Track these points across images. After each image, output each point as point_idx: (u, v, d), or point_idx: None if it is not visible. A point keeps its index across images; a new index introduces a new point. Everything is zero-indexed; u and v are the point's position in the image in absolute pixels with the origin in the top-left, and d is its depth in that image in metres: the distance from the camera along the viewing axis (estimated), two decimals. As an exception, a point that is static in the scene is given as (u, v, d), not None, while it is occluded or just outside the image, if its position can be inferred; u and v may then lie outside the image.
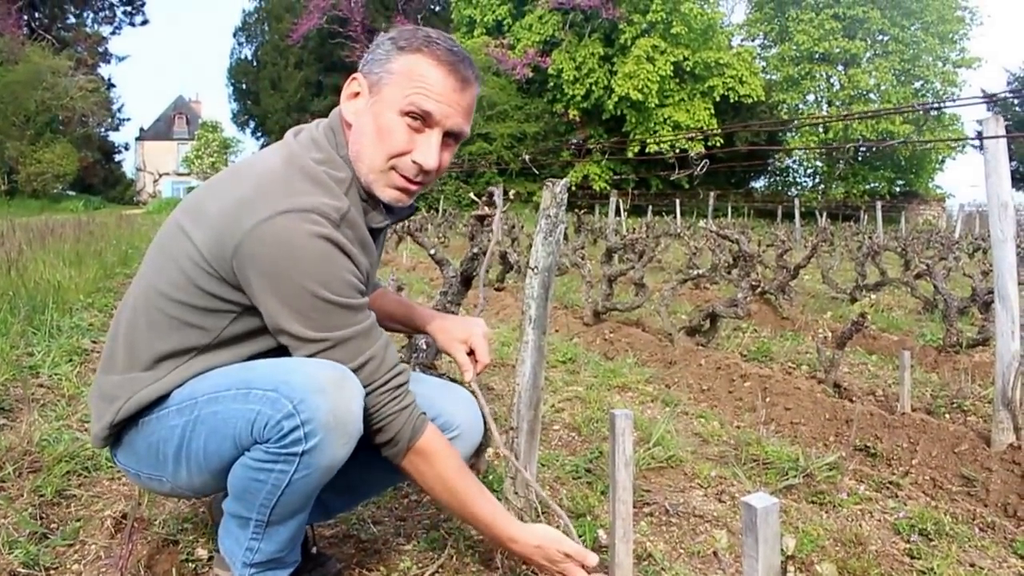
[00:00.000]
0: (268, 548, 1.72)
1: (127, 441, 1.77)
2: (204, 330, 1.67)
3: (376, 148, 1.68)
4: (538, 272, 2.26)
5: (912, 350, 4.68)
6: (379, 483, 2.10)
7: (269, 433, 1.54)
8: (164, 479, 1.74)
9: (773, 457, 3.18)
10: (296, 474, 1.57)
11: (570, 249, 8.04)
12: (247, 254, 1.54)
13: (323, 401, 1.53)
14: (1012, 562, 2.47)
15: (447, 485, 1.77)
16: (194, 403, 1.65)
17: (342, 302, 1.59)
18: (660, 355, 5.20)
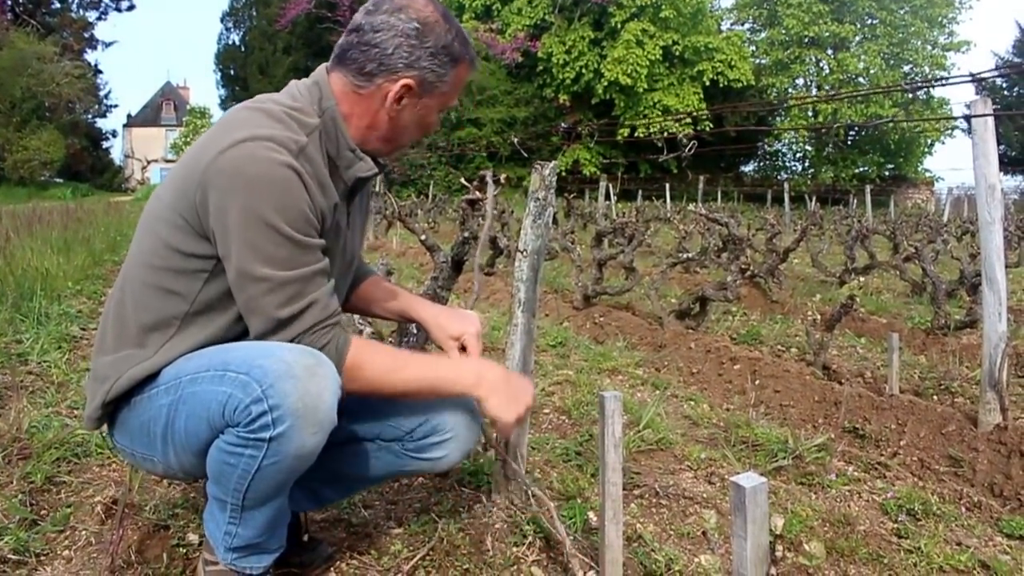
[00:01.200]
0: (246, 533, 1.72)
1: (121, 420, 1.76)
2: (181, 296, 1.67)
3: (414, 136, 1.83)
4: (527, 255, 2.26)
5: (900, 332, 4.70)
6: (372, 476, 2.08)
7: (239, 417, 1.53)
8: (155, 459, 1.74)
9: (762, 439, 3.20)
10: (265, 460, 1.56)
11: (560, 233, 8.04)
12: (207, 184, 1.56)
13: (293, 387, 1.51)
14: (997, 540, 2.49)
15: (390, 376, 1.72)
16: (178, 383, 1.65)
17: (296, 238, 1.58)
18: (650, 339, 5.21)
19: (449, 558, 2.14)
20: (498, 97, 38.80)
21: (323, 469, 1.99)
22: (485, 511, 2.34)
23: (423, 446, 1.93)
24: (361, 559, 2.17)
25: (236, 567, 1.78)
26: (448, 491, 2.54)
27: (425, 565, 2.12)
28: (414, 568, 2.09)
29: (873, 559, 2.29)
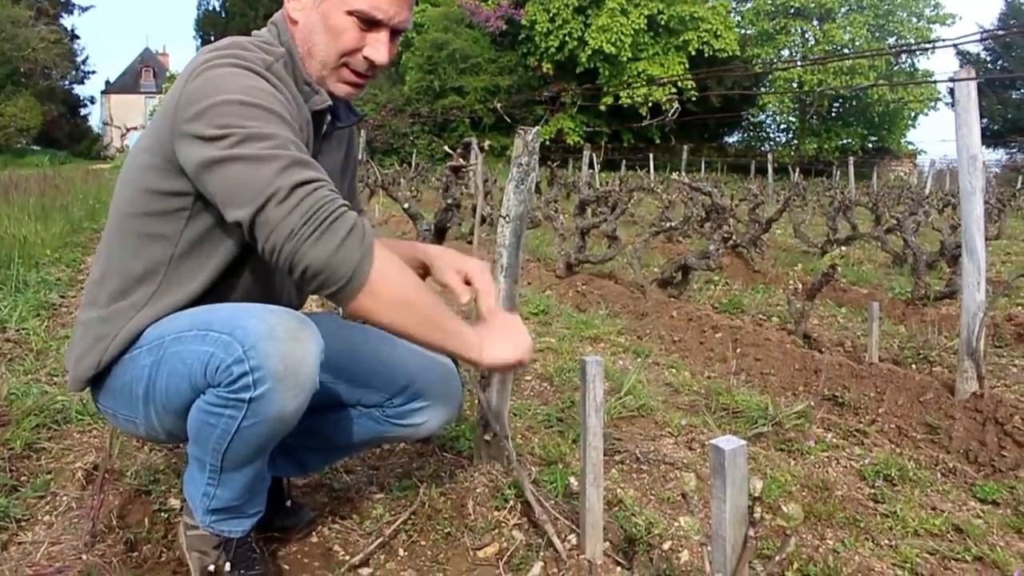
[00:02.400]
0: (224, 495, 1.72)
1: (104, 382, 1.75)
2: (166, 238, 1.65)
3: (328, 47, 1.68)
4: (510, 220, 2.26)
5: (881, 302, 4.73)
6: (354, 443, 2.07)
7: (220, 376, 1.52)
8: (138, 421, 1.73)
9: (743, 406, 3.22)
10: (245, 421, 1.54)
11: (543, 202, 8.02)
12: (179, 113, 1.53)
13: (274, 349, 1.49)
14: (971, 505, 2.53)
15: (417, 281, 1.59)
16: (161, 343, 1.63)
17: (275, 110, 1.53)
18: (632, 307, 5.22)
19: (431, 522, 2.15)
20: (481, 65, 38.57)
21: (305, 435, 1.99)
22: (467, 476, 2.35)
23: (403, 412, 1.93)
24: (343, 523, 2.18)
25: (214, 530, 1.78)
26: (430, 456, 2.55)
27: (407, 529, 2.13)
28: (396, 532, 2.10)
29: (850, 523, 2.32)
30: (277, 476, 2.10)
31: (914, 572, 2.08)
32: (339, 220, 1.45)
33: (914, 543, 2.23)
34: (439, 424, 1.99)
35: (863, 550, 2.18)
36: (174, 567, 1.89)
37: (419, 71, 38.69)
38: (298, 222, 1.42)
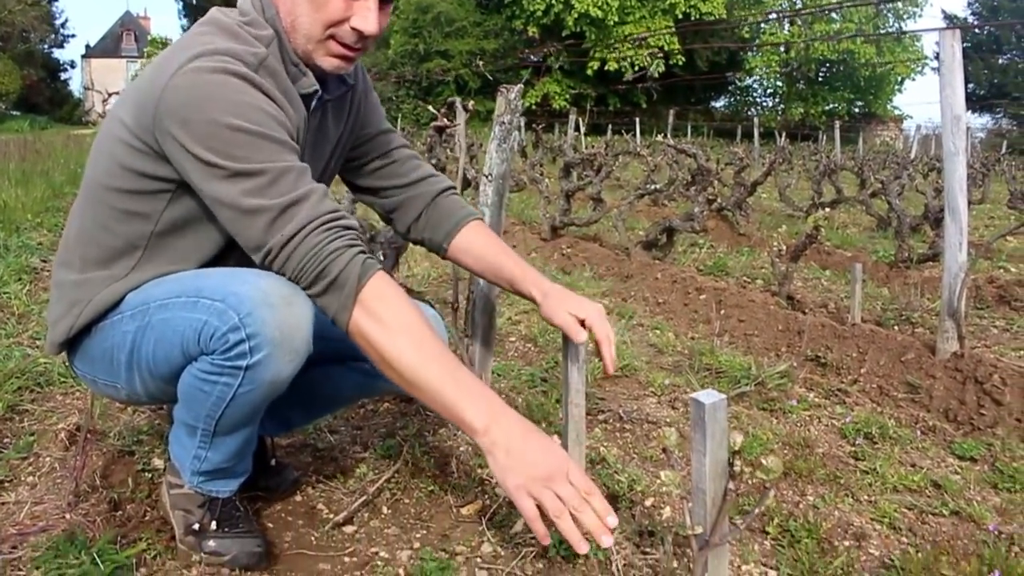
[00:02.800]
0: (215, 458, 1.72)
1: (82, 347, 1.73)
2: (145, 216, 1.62)
3: (312, 18, 1.61)
4: (492, 179, 2.25)
5: (865, 265, 4.76)
6: (342, 398, 2.08)
7: (215, 344, 1.51)
8: (119, 386, 1.72)
9: (726, 366, 3.24)
10: (241, 388, 1.55)
11: (528, 165, 7.99)
12: (164, 109, 1.48)
13: (270, 316, 1.49)
14: (950, 461, 2.56)
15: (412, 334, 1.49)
16: (146, 308, 1.62)
17: (267, 133, 1.49)
18: (617, 269, 5.23)
19: (414, 480, 2.16)
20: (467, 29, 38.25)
21: (293, 391, 1.99)
22: (450, 435, 2.36)
23: None
24: (327, 482, 2.19)
25: (202, 490, 1.78)
26: (413, 416, 2.56)
27: (391, 487, 2.14)
28: (380, 490, 2.11)
29: (830, 479, 2.35)
30: (262, 435, 2.10)
31: (892, 526, 2.11)
32: (322, 276, 1.48)
33: (893, 498, 2.25)
34: None
35: (843, 505, 2.20)
36: (158, 526, 1.89)
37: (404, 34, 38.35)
38: (290, 276, 1.50)
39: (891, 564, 1.89)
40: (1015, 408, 2.86)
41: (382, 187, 2.02)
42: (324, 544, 1.91)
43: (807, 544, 1.96)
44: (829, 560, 1.91)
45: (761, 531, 2.05)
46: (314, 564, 1.82)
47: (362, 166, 2.01)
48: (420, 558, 1.81)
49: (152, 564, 1.75)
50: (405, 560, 1.83)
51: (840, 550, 1.97)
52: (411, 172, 2.01)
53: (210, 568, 1.74)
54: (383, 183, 2.01)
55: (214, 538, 1.78)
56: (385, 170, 2.01)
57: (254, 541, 1.80)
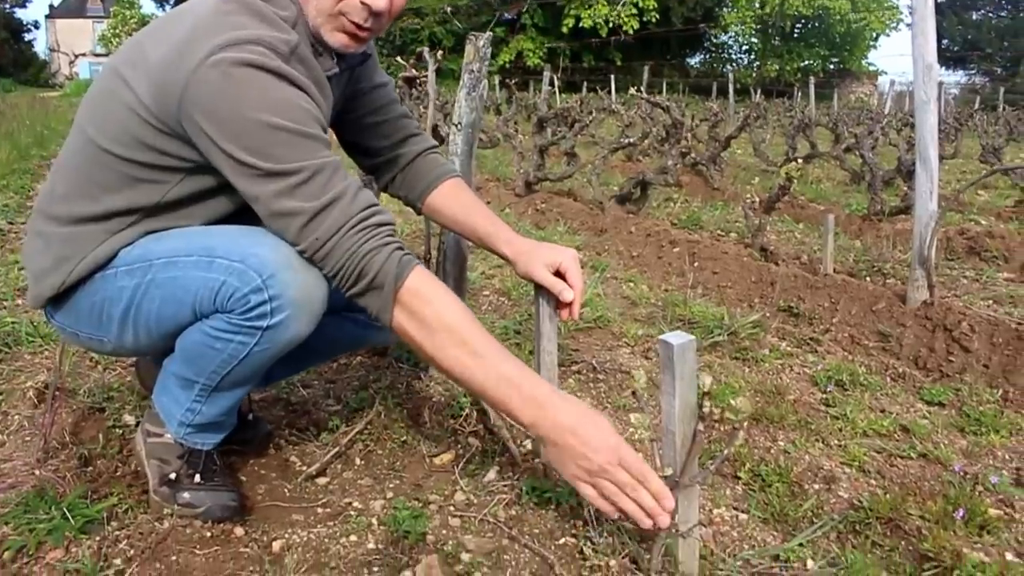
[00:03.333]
0: (210, 412, 1.72)
1: (68, 300, 1.70)
2: (156, 184, 1.58)
3: None
4: (462, 128, 2.22)
5: (838, 218, 4.77)
6: (330, 349, 2.07)
7: (234, 304, 1.50)
8: (106, 340, 1.70)
9: (699, 317, 3.25)
10: (256, 347, 1.55)
11: (501, 121, 7.93)
12: (191, 100, 1.43)
13: (293, 278, 1.49)
14: (919, 407, 2.59)
15: (454, 331, 1.50)
16: (148, 265, 1.59)
17: (302, 130, 1.46)
18: (591, 223, 5.22)
19: (387, 431, 2.16)
20: (440, -15, 37.70)
21: None
22: (422, 386, 2.36)
23: None
24: (300, 435, 2.18)
25: (187, 442, 1.77)
26: (386, 369, 2.55)
27: (363, 438, 2.13)
28: (352, 441, 2.11)
29: (801, 425, 2.37)
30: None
31: (862, 469, 2.13)
32: (360, 277, 1.49)
33: (862, 442, 2.28)
34: None
35: (813, 450, 2.23)
36: (129, 481, 1.88)
37: (375, -9, 37.70)
38: (328, 275, 1.52)
39: (860, 506, 1.92)
40: (983, 355, 2.89)
41: (368, 145, 2.00)
42: (297, 496, 1.91)
43: (778, 488, 1.98)
44: (799, 503, 1.93)
45: (733, 476, 2.07)
46: (287, 515, 1.82)
47: (352, 120, 1.97)
48: (393, 507, 1.81)
49: (123, 518, 1.74)
50: (378, 510, 1.83)
51: (810, 493, 1.99)
52: (397, 132, 2.00)
53: (182, 520, 1.73)
54: (370, 142, 2.00)
55: (189, 490, 1.77)
56: (374, 129, 1.98)
57: (229, 495, 1.79)
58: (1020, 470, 2.15)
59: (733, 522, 1.84)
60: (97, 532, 1.67)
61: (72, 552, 1.60)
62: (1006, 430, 2.39)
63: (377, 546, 1.69)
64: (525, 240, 1.88)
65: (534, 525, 1.76)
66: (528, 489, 1.84)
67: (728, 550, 1.70)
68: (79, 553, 1.59)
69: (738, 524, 1.83)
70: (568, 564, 1.62)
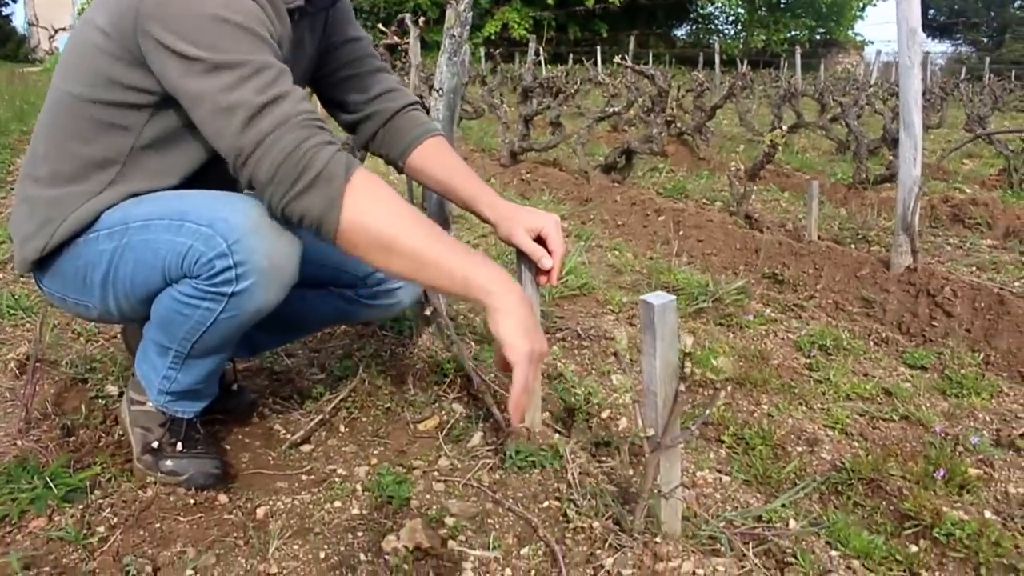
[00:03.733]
0: (185, 380, 1.70)
1: (53, 265, 1.68)
2: (125, 129, 1.56)
3: None
4: (443, 94, 2.21)
5: (823, 186, 4.78)
6: (317, 323, 2.05)
7: (199, 270, 1.48)
8: (91, 305, 1.68)
9: (684, 284, 3.25)
10: (223, 314, 1.52)
11: (486, 91, 7.89)
12: (145, 12, 1.41)
13: (259, 244, 1.46)
14: (901, 370, 2.61)
15: (412, 214, 1.47)
16: (125, 228, 1.57)
17: (251, 28, 1.42)
18: (576, 193, 5.21)
19: (371, 398, 2.15)
20: (423, -46, 37.32)
21: (269, 316, 1.96)
22: (407, 353, 2.36)
23: (377, 292, 1.90)
24: (284, 403, 2.18)
25: (167, 409, 1.76)
26: (370, 337, 2.54)
27: (347, 406, 2.13)
28: (336, 409, 2.11)
29: (785, 389, 2.38)
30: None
31: (844, 432, 2.15)
32: (305, 170, 1.40)
33: (845, 406, 2.29)
34: (408, 304, 1.98)
35: (796, 413, 2.24)
36: (112, 450, 1.87)
37: (359, -38, 37.34)
38: (265, 178, 1.40)
39: (842, 467, 1.93)
40: (965, 319, 2.91)
41: (344, 100, 1.96)
42: (281, 463, 1.91)
43: (761, 451, 2.00)
44: (782, 465, 1.95)
45: (716, 440, 2.08)
46: (271, 483, 1.82)
47: (326, 76, 1.94)
48: (378, 473, 1.81)
49: (107, 487, 1.73)
50: (363, 476, 1.83)
51: (793, 455, 2.01)
52: (374, 87, 1.94)
53: (166, 488, 1.73)
54: (346, 96, 1.95)
55: (172, 458, 1.76)
56: (349, 83, 1.94)
57: (212, 462, 1.79)
58: (1000, 431, 2.17)
59: (716, 484, 1.85)
60: (80, 501, 1.66)
61: (55, 520, 1.60)
62: (987, 392, 2.41)
63: (361, 511, 1.69)
64: (508, 204, 1.85)
65: (518, 489, 1.76)
66: (512, 454, 1.84)
67: (711, 511, 1.71)
68: (62, 521, 1.59)
69: (721, 486, 1.84)
70: (552, 526, 1.63)
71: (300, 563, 1.51)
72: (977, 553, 1.61)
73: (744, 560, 1.51)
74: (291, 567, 1.50)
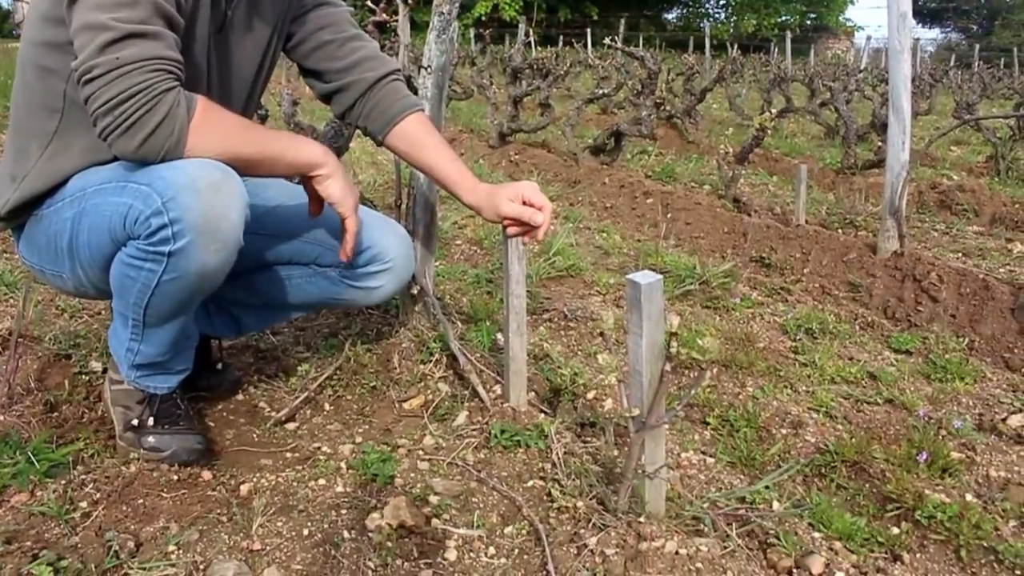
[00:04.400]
0: (148, 350, 1.68)
1: (29, 234, 1.68)
2: (56, 73, 1.54)
3: None
4: (432, 71, 2.18)
5: (811, 171, 4.78)
6: (301, 304, 2.01)
7: (139, 229, 1.46)
8: (65, 276, 1.67)
9: (671, 266, 3.25)
10: (165, 275, 1.49)
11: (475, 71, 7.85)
12: None
13: (195, 201, 1.43)
14: (886, 355, 2.62)
15: (234, 137, 1.54)
16: (83, 195, 1.56)
17: None
18: (565, 175, 5.20)
19: (356, 376, 2.15)
20: (414, -66, 36.98)
21: (252, 293, 1.95)
22: (392, 332, 2.35)
23: (361, 274, 1.88)
24: (270, 381, 2.17)
25: (140, 385, 1.75)
26: (356, 316, 2.53)
27: (333, 384, 2.13)
28: (321, 387, 2.10)
29: (770, 372, 2.39)
30: (209, 337, 2.07)
31: (829, 415, 2.16)
32: (155, 107, 1.39)
33: (830, 389, 2.30)
34: (393, 290, 1.94)
35: (781, 396, 2.25)
36: (96, 426, 1.86)
37: (348, -59, 36.94)
38: (105, 106, 1.38)
39: (826, 450, 1.94)
40: (951, 305, 2.92)
41: (318, 69, 1.91)
42: (266, 441, 1.91)
43: (746, 433, 2.00)
44: (766, 447, 1.95)
45: (701, 421, 2.09)
46: (256, 460, 1.81)
47: (298, 45, 1.89)
48: (362, 451, 1.81)
49: (90, 462, 1.73)
50: (347, 454, 1.83)
51: (777, 438, 2.01)
52: (349, 55, 1.89)
53: (149, 464, 1.72)
54: (320, 65, 1.90)
55: (153, 434, 1.75)
56: (321, 51, 1.89)
57: (194, 438, 1.78)
58: (982, 416, 2.18)
59: (700, 465, 1.86)
60: (63, 476, 1.65)
61: (37, 495, 1.59)
62: (971, 377, 2.42)
63: (345, 489, 1.69)
64: (486, 186, 1.84)
65: (502, 468, 1.76)
66: (497, 433, 1.84)
67: (695, 492, 1.71)
68: (44, 496, 1.58)
69: (705, 468, 1.85)
70: (536, 506, 1.63)
71: (284, 540, 1.51)
72: (957, 535, 1.62)
73: (727, 541, 1.52)
74: (274, 544, 1.49)
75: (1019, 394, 2.33)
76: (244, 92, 1.83)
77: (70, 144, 1.60)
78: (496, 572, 1.46)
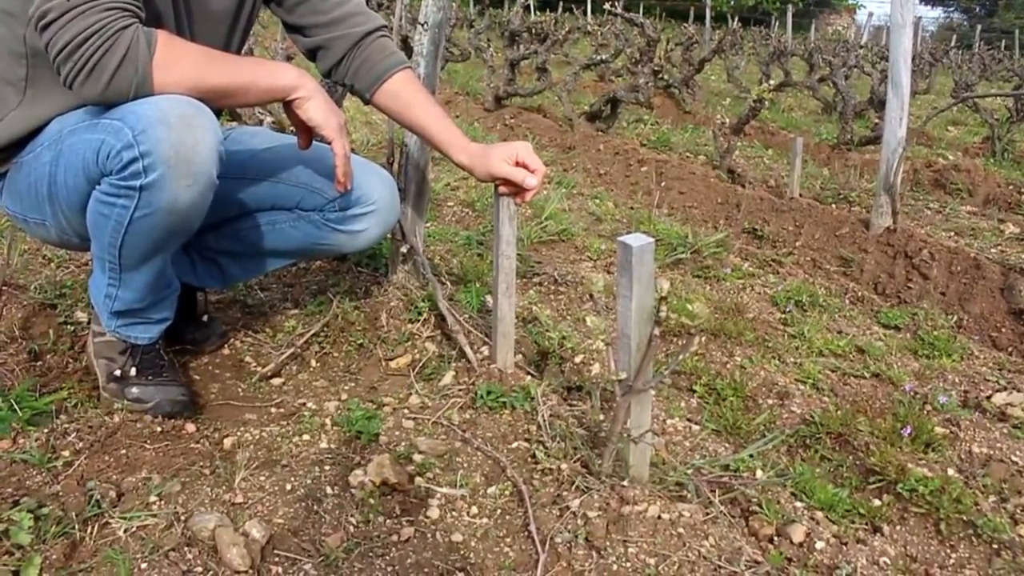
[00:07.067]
0: (126, 296, 1.66)
1: (11, 183, 1.66)
2: (14, 16, 1.52)
3: None
4: (428, 28, 2.15)
5: (807, 146, 4.76)
6: (285, 251, 1.98)
7: (111, 164, 1.43)
8: (48, 224, 1.65)
9: (664, 234, 3.24)
10: (137, 212, 1.47)
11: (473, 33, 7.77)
12: None
13: (165, 134, 1.40)
14: (875, 329, 2.62)
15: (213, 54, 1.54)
16: (59, 137, 1.55)
17: None
18: (560, 140, 5.17)
19: (343, 334, 2.13)
20: None
21: (237, 242, 1.93)
22: (381, 291, 2.33)
23: (345, 217, 1.84)
24: (256, 336, 2.16)
25: (121, 335, 1.74)
26: (345, 274, 2.51)
27: (319, 340, 2.11)
28: (308, 343, 2.09)
29: (758, 342, 2.39)
30: (195, 289, 2.05)
31: (815, 386, 2.16)
32: (108, 52, 1.37)
33: (818, 361, 2.30)
34: (378, 234, 1.91)
35: (769, 367, 2.25)
36: (80, 376, 1.85)
37: None
38: (64, 50, 1.36)
39: (811, 421, 1.94)
40: (941, 282, 2.92)
41: (301, 24, 1.86)
42: (251, 395, 1.90)
43: (732, 402, 2.00)
44: (752, 417, 1.96)
45: (688, 389, 2.09)
46: (240, 414, 1.81)
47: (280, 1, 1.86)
48: (347, 408, 1.80)
49: (73, 412, 1.72)
50: (332, 410, 1.82)
51: (763, 408, 2.02)
52: (334, 8, 1.85)
53: (133, 415, 1.71)
54: (303, 20, 1.85)
55: (137, 385, 1.75)
56: (304, 5, 1.84)
57: (178, 390, 1.78)
58: (968, 392, 2.19)
59: (686, 432, 1.86)
60: (46, 424, 1.64)
61: (19, 443, 1.58)
62: (958, 355, 2.43)
63: (329, 445, 1.68)
64: (478, 145, 1.82)
65: (487, 429, 1.76)
66: (483, 394, 1.84)
67: (679, 458, 1.71)
68: (26, 444, 1.57)
69: (691, 435, 1.85)
70: (520, 467, 1.63)
71: (266, 494, 1.50)
72: (938, 509, 1.63)
73: (710, 507, 1.52)
74: (257, 497, 1.49)
75: (1005, 373, 2.34)
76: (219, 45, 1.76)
77: (47, 89, 1.58)
78: (478, 531, 1.46)
